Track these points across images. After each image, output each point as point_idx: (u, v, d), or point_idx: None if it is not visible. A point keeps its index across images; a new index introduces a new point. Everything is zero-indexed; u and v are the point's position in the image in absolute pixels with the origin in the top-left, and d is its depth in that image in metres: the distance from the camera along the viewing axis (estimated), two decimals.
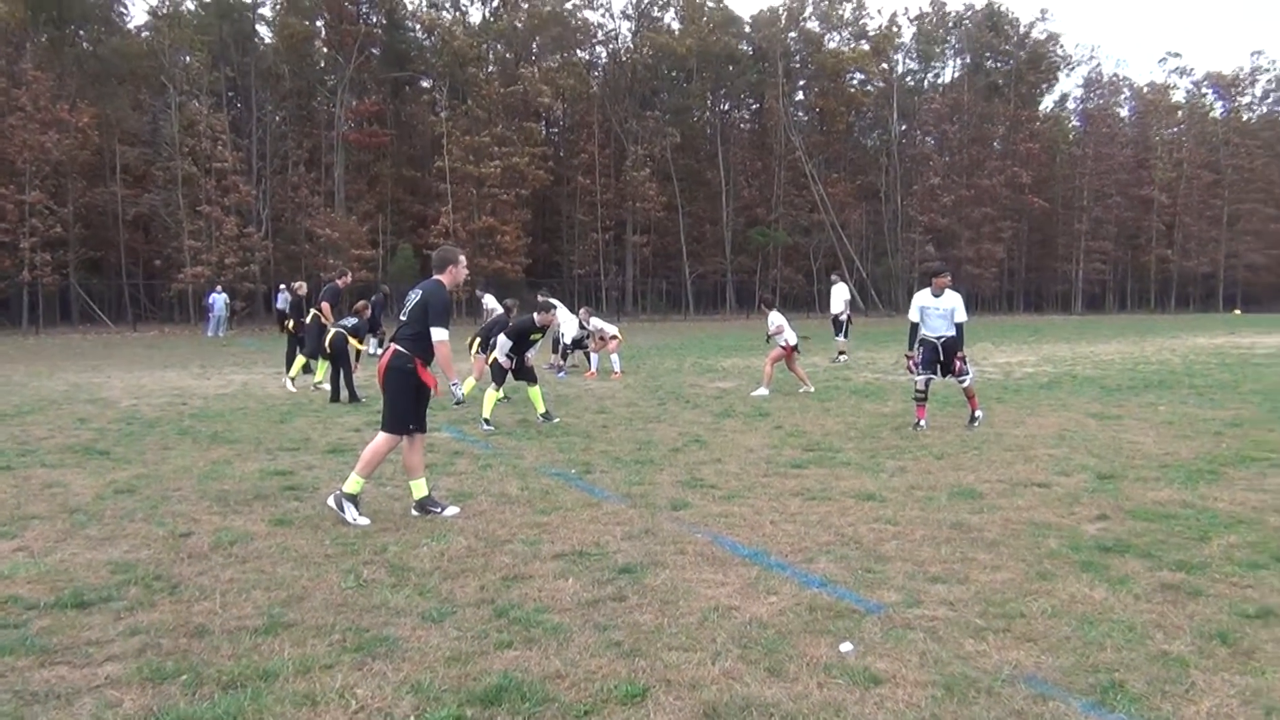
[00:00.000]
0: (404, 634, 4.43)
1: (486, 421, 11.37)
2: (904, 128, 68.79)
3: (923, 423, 10.93)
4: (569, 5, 57.45)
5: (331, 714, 3.60)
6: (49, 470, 8.59)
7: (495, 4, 56.74)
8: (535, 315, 11.89)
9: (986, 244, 65.74)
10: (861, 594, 4.99)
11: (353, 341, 14.37)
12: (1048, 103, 77.39)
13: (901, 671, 3.96)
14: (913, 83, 70.50)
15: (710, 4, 61.88)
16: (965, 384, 11.14)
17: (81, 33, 49.67)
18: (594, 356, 18.42)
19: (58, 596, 4.98)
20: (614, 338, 18.33)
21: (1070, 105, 78.98)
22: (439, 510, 6.82)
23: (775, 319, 15.17)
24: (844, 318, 21.82)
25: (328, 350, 14.37)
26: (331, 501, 6.74)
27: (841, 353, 21.35)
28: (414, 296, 6.89)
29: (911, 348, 11.22)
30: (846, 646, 4.21)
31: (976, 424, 11.01)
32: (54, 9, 45.77)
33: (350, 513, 6.58)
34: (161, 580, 5.27)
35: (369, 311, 15.91)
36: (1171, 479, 7.92)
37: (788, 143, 62.79)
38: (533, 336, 12.01)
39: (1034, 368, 19.80)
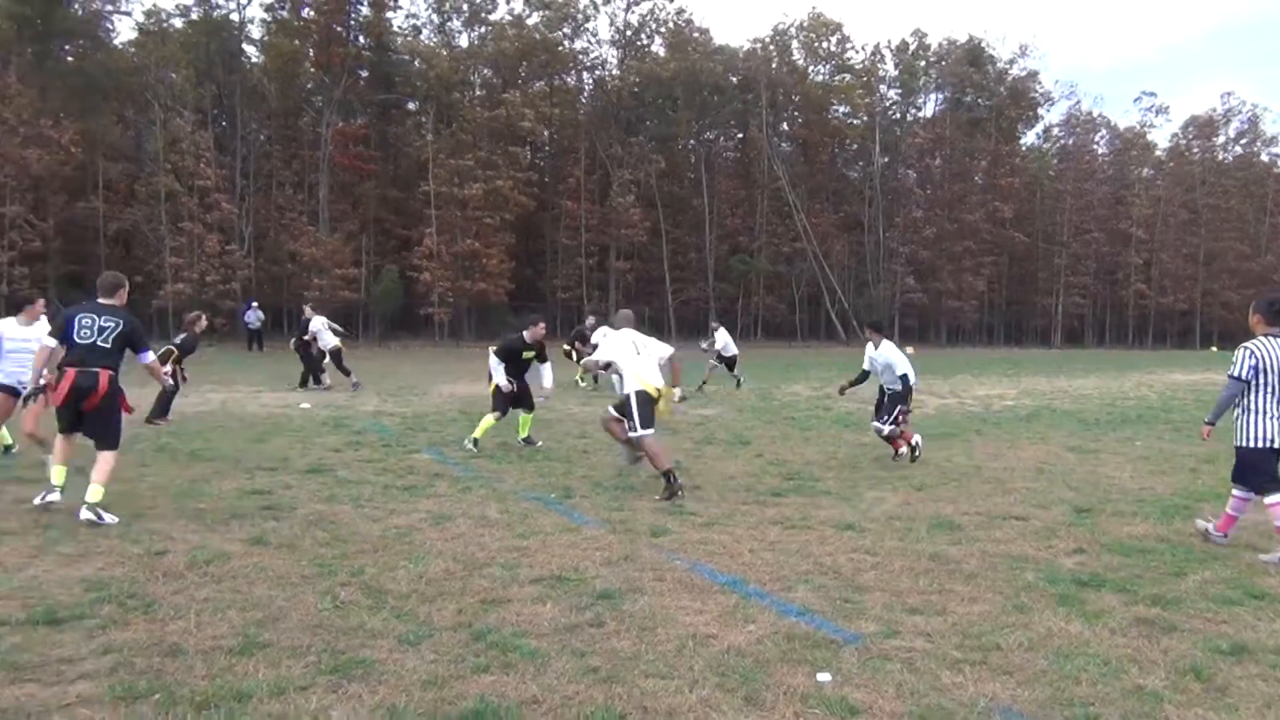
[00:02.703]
0: (380, 656, 4.40)
1: (475, 442, 11.33)
2: (886, 160, 69.37)
3: (905, 449, 10.84)
4: (556, 33, 57.74)
5: None
6: (22, 486, 8.49)
7: (482, 29, 57.04)
8: (525, 332, 11.49)
9: (968, 277, 66.23)
10: (839, 624, 5.00)
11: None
12: (1030, 137, 78.25)
13: (878, 702, 3.97)
14: (896, 115, 71.15)
15: (695, 34, 62.39)
16: (882, 432, 10.92)
17: (67, 48, 49.55)
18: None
19: (29, 613, 4.92)
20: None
21: (1052, 139, 79.81)
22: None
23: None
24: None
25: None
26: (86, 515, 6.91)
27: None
28: None
29: (852, 386, 11.70)
30: (824, 676, 4.21)
31: (900, 459, 10.82)
32: (39, 24, 45.66)
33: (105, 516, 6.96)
34: (136, 598, 5.23)
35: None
36: (1148, 514, 7.97)
37: (771, 172, 63.22)
38: (525, 355, 11.52)
39: (1014, 401, 19.92)
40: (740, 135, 69.18)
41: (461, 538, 6.82)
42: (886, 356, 10.88)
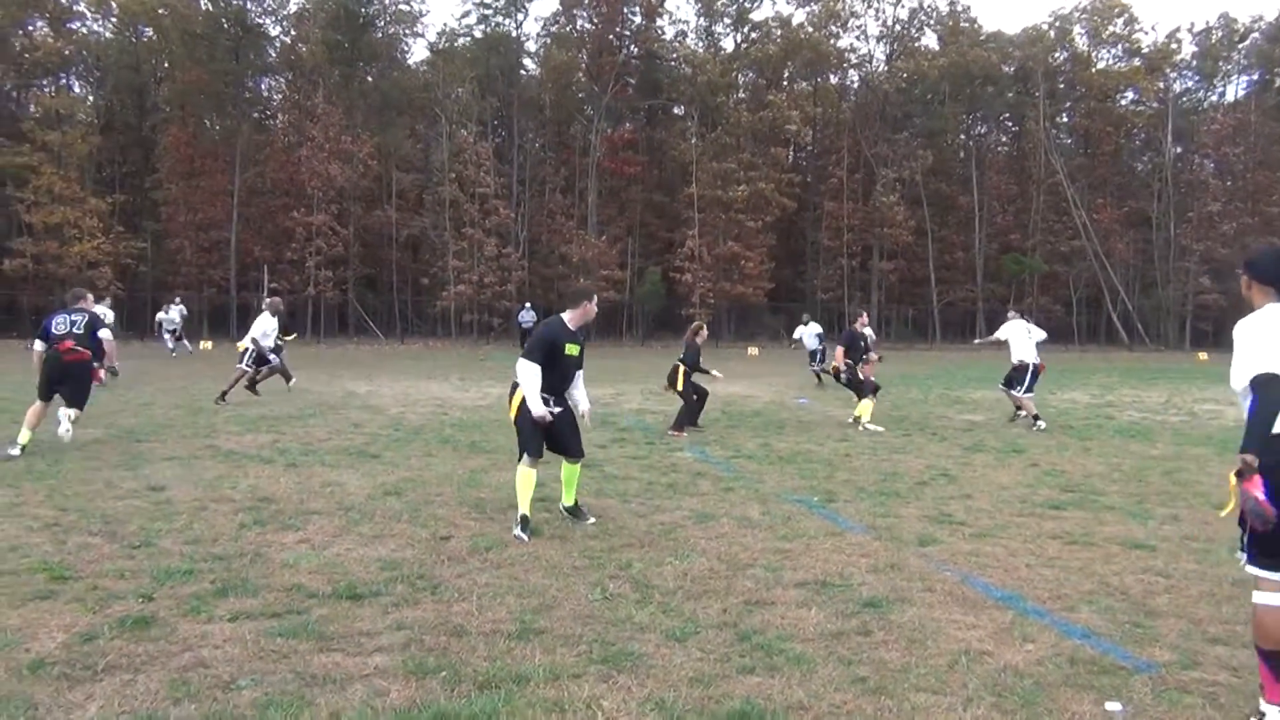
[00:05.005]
0: (648, 650, 4.50)
1: (525, 524, 7.01)
2: (1179, 150, 63.88)
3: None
4: (823, 31, 57.20)
5: None
6: (327, 470, 9.34)
7: (749, 30, 57.40)
8: (566, 313, 7.36)
9: None
10: (1130, 650, 4.64)
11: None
12: None
13: None
14: (1189, 102, 65.42)
15: (965, 24, 60.01)
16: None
17: (368, 69, 54.09)
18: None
19: (334, 588, 5.39)
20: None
21: None
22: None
23: None
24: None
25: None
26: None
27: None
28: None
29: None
30: (1114, 706, 3.92)
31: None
32: (348, 48, 50.11)
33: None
34: (424, 579, 5.61)
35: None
36: None
37: (1048, 165, 59.75)
38: (568, 351, 7.20)
39: None
40: (1014, 128, 65.86)
41: (725, 537, 6.86)
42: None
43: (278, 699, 3.84)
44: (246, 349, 16.51)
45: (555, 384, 7.15)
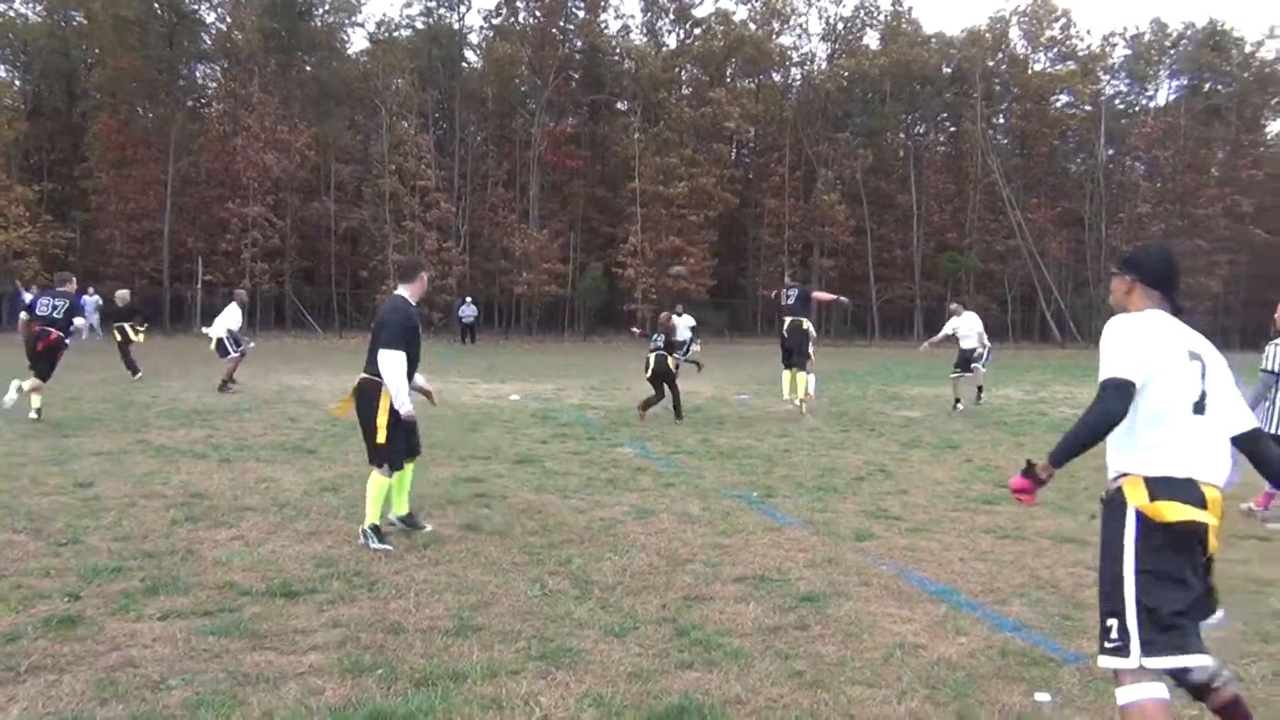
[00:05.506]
0: (587, 646, 4.50)
1: (375, 531, 6.36)
2: (1111, 152, 65.33)
3: None
4: (765, 29, 57.55)
5: None
6: (262, 465, 9.19)
7: (691, 25, 57.56)
8: (406, 288, 6.79)
9: (1200, 277, 61.45)
10: (1059, 642, 4.74)
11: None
12: (1278, 125, 71.86)
13: None
14: (1122, 105, 66.93)
15: (907, 25, 60.81)
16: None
17: (306, 58, 53.24)
18: (812, 378, 17.45)
19: (268, 585, 5.31)
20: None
21: None
22: None
23: None
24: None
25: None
26: None
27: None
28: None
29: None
30: (1043, 697, 4.01)
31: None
32: (284, 37, 49.26)
33: None
34: (361, 576, 5.55)
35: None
36: None
37: (985, 166, 60.77)
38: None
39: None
40: (952, 128, 66.85)
41: (664, 533, 6.88)
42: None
43: (209, 699, 3.77)
44: (220, 339, 16.74)
45: (411, 372, 6.56)
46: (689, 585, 5.55)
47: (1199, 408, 3.13)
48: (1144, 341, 3.16)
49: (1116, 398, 3.08)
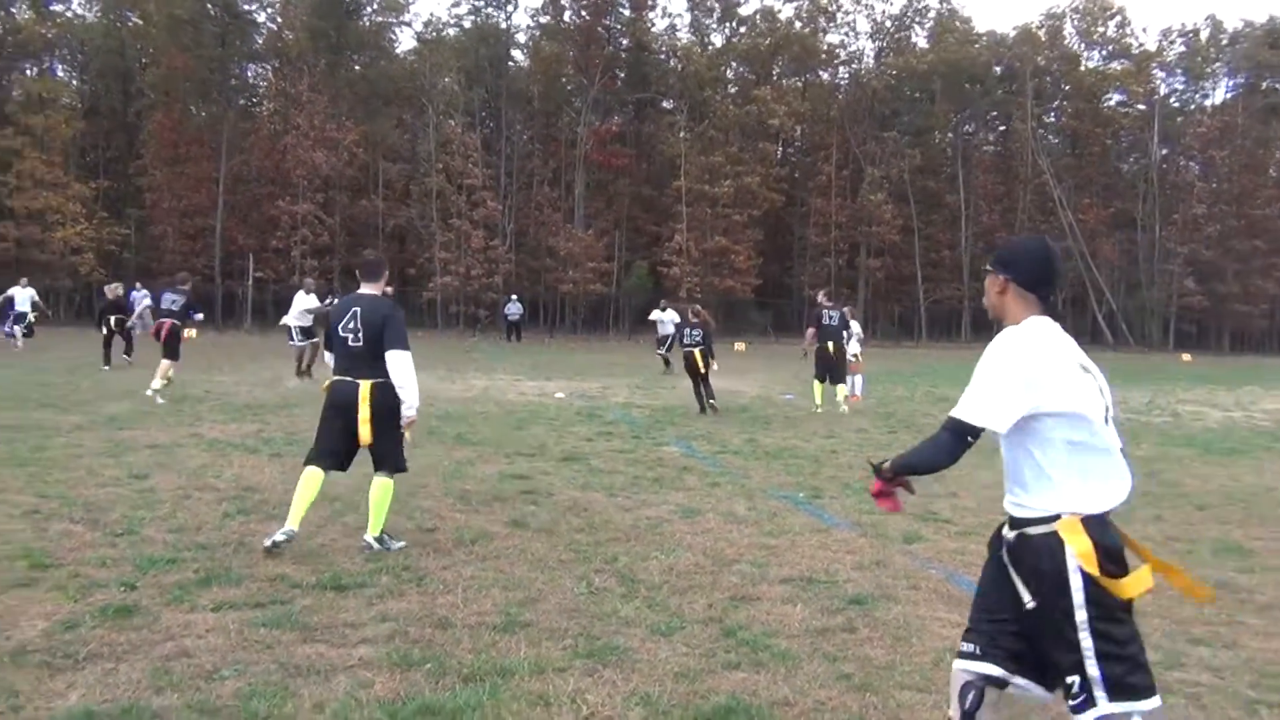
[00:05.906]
0: (634, 645, 4.49)
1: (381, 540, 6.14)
2: (1165, 152, 64.18)
3: None
4: (811, 26, 57.27)
5: (563, 717, 3.69)
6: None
7: (736, 24, 57.43)
8: (376, 290, 6.63)
9: (1256, 279, 60.16)
10: None
11: None
12: None
13: None
14: (1177, 104, 65.72)
15: (958, 23, 60.22)
16: None
17: (355, 58, 53.80)
18: (859, 379, 17.54)
19: (319, 578, 5.36)
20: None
21: None
22: None
23: None
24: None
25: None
26: None
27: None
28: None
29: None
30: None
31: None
32: (334, 37, 49.84)
33: None
34: (409, 571, 5.58)
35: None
36: None
37: (1035, 165, 59.98)
38: None
39: None
40: (1002, 127, 66.09)
41: (710, 532, 6.86)
42: None
43: (261, 689, 3.82)
44: (290, 327, 18.64)
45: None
46: (735, 585, 5.53)
47: (1106, 421, 2.87)
48: (1031, 377, 2.78)
49: (952, 446, 2.90)
